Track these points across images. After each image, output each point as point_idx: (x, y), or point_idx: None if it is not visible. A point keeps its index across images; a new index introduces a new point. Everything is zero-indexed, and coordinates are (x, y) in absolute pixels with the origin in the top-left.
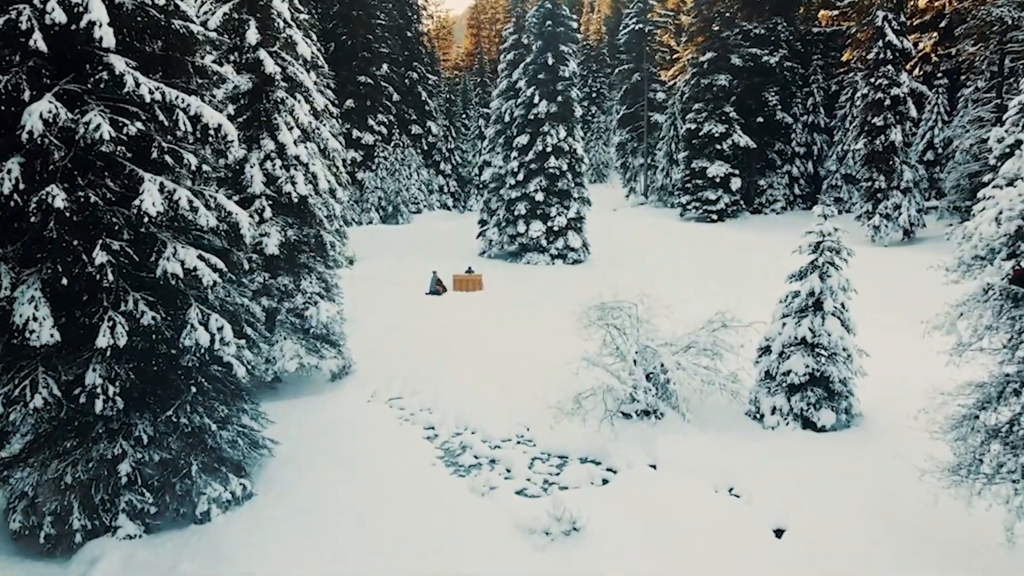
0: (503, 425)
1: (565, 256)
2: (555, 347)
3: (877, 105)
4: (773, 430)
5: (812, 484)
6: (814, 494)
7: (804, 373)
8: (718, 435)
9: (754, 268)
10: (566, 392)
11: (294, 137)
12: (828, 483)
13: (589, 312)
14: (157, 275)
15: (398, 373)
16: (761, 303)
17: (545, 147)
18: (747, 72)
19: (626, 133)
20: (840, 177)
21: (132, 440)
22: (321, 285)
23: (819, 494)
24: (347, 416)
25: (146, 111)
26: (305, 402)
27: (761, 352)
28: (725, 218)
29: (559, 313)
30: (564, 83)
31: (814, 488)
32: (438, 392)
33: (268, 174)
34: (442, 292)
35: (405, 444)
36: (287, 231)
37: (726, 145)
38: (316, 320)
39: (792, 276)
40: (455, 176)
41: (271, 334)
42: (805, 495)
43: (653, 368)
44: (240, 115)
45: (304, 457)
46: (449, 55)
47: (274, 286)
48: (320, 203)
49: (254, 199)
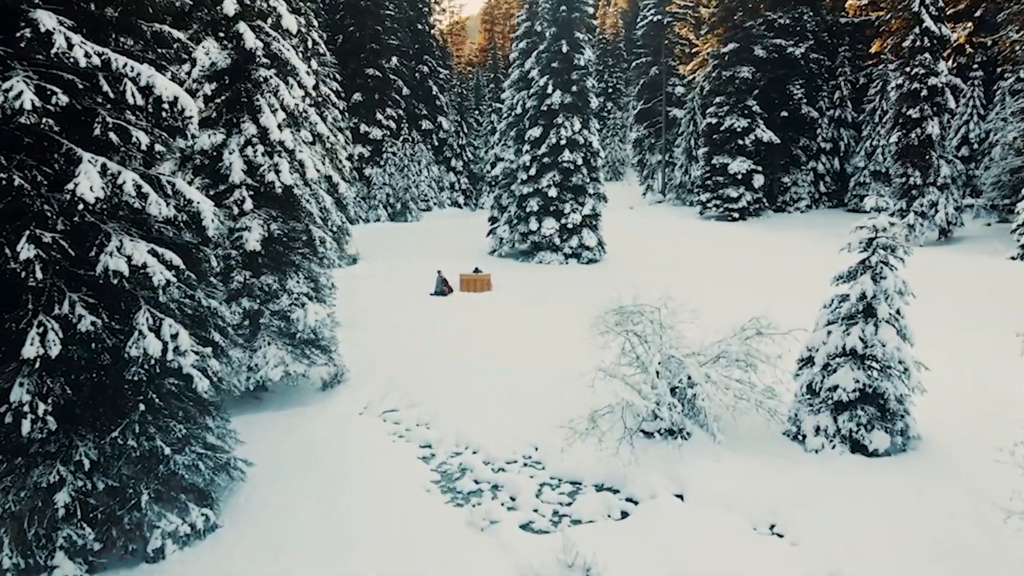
0: (508, 444)
1: (579, 255)
2: (568, 355)
3: (913, 96)
4: (817, 453)
5: (869, 523)
6: (871, 536)
7: (853, 389)
8: (754, 459)
9: (783, 269)
10: (580, 407)
11: (278, 121)
12: (887, 522)
13: (606, 317)
14: (97, 273)
15: (395, 382)
16: (796, 308)
17: (559, 140)
18: (771, 64)
19: (643, 129)
20: (868, 174)
21: (72, 465)
22: (310, 285)
23: (877, 536)
24: (335, 432)
25: (86, 79)
26: (290, 414)
27: (802, 364)
28: (747, 217)
29: (573, 316)
30: (579, 72)
31: (871, 528)
32: (437, 405)
33: (249, 161)
34: (448, 293)
35: (397, 466)
36: (270, 225)
37: (748, 140)
38: (303, 324)
39: (839, 277)
40: (467, 173)
41: (253, 339)
42: (861, 536)
43: (679, 381)
44: (218, 96)
45: (282, 481)
46: (462, 51)
47: (256, 286)
48: (308, 194)
49: (233, 189)
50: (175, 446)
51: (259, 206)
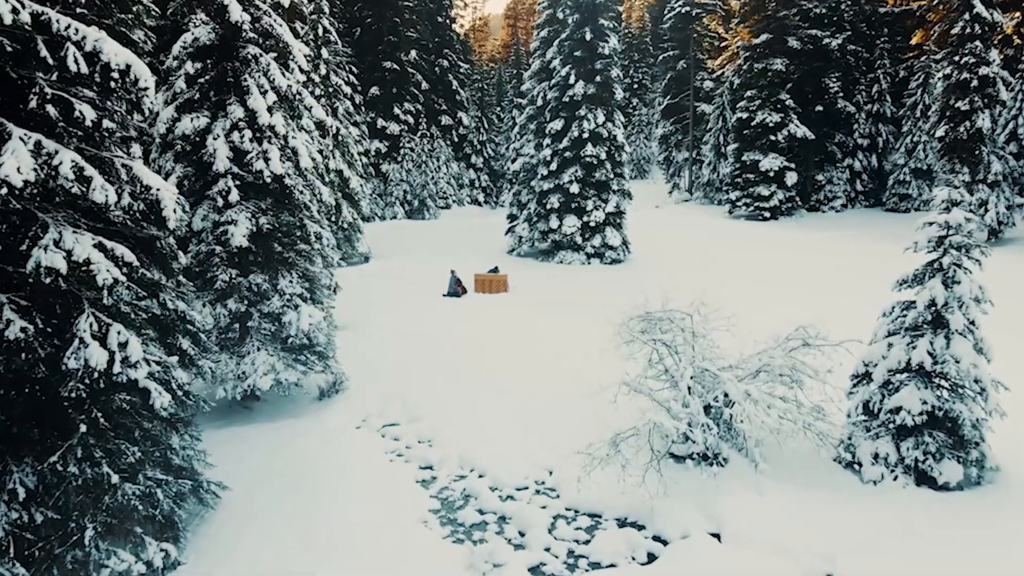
0: (519, 467)
1: (602, 255)
2: (589, 365)
3: (962, 87)
4: (875, 485)
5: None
6: None
7: (920, 412)
8: (803, 491)
9: (824, 272)
10: (601, 426)
11: (269, 103)
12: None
13: (631, 324)
14: (28, 270)
15: (398, 392)
16: (843, 314)
17: (581, 133)
18: (805, 56)
19: (670, 125)
20: (909, 172)
21: (5, 494)
22: (304, 285)
23: None
24: (327, 448)
25: (17, 42)
26: (281, 427)
27: (857, 380)
28: (779, 216)
29: (595, 322)
30: (603, 61)
31: None
32: (442, 419)
33: (235, 148)
34: (462, 294)
35: (393, 491)
36: (259, 218)
37: (781, 136)
38: (296, 328)
39: (903, 281)
40: (487, 170)
41: (241, 344)
42: None
43: (713, 399)
44: (202, 75)
45: (261, 508)
46: (485, 47)
47: (244, 286)
48: (303, 185)
49: (218, 178)
50: (127, 472)
51: (247, 198)
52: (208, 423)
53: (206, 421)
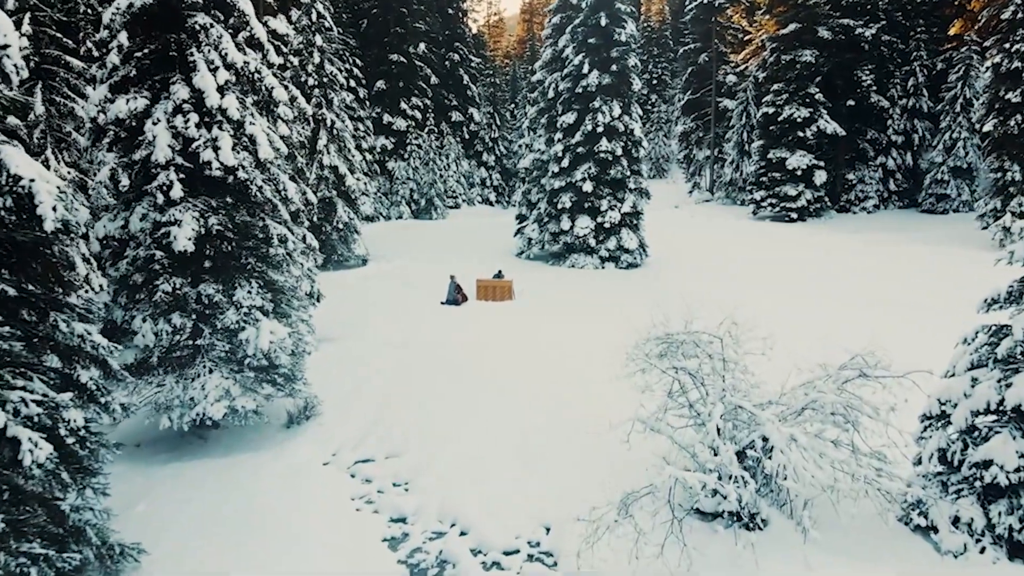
0: (510, 522)
1: (618, 259)
2: (599, 392)
3: (1013, 76)
4: (956, 557)
5: None
6: None
7: (1017, 467)
8: (863, 565)
9: (867, 282)
10: (610, 471)
11: (220, 82)
12: None
13: (647, 346)
14: None
15: (378, 419)
16: (896, 332)
17: (595, 127)
18: (836, 47)
19: (690, 122)
20: (947, 170)
21: None
22: (265, 297)
23: None
24: (285, 493)
25: None
26: (235, 463)
27: (930, 422)
28: (806, 217)
29: (607, 337)
30: (620, 49)
31: None
32: (425, 455)
33: (179, 134)
34: (462, 302)
35: (355, 551)
36: (208, 218)
37: (810, 132)
38: (254, 346)
39: (991, 301)
40: (499, 168)
41: (189, 365)
42: None
43: (750, 444)
44: (140, 48)
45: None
46: (500, 44)
47: (191, 297)
48: (262, 179)
49: (158, 170)
50: None
51: (195, 194)
52: (151, 456)
53: (150, 454)
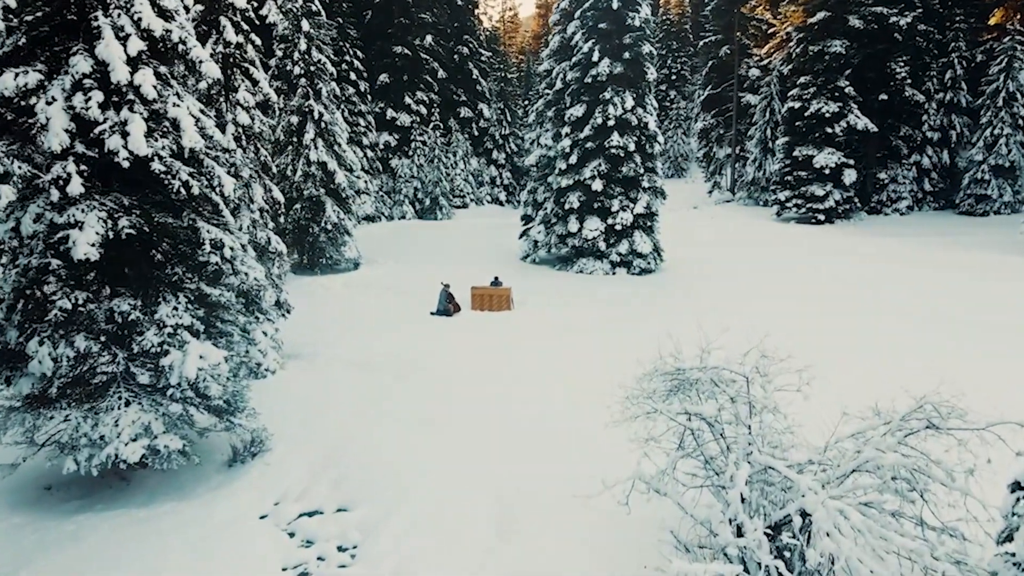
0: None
1: (630, 264)
2: (598, 432)
3: None
4: None
5: None
6: None
7: None
8: None
9: (911, 296)
10: (601, 541)
11: (132, 53)
12: None
13: (652, 382)
14: None
15: (332, 459)
16: (973, 364)
17: (606, 119)
18: (868, 37)
19: (710, 118)
20: (988, 169)
21: None
22: (196, 314)
23: None
24: (200, 563)
25: None
26: (150, 517)
27: (1021, 493)
28: (834, 219)
29: (615, 358)
30: (633, 34)
31: None
32: (382, 510)
33: (79, 116)
34: (454, 312)
35: None
36: (119, 219)
37: (839, 128)
38: (178, 374)
39: None
40: (509, 166)
41: (100, 397)
42: None
43: (783, 517)
44: (33, 12)
45: None
46: (514, 41)
47: (98, 315)
48: (187, 172)
49: (53, 160)
50: None
51: (102, 190)
52: (59, 504)
53: (58, 501)
